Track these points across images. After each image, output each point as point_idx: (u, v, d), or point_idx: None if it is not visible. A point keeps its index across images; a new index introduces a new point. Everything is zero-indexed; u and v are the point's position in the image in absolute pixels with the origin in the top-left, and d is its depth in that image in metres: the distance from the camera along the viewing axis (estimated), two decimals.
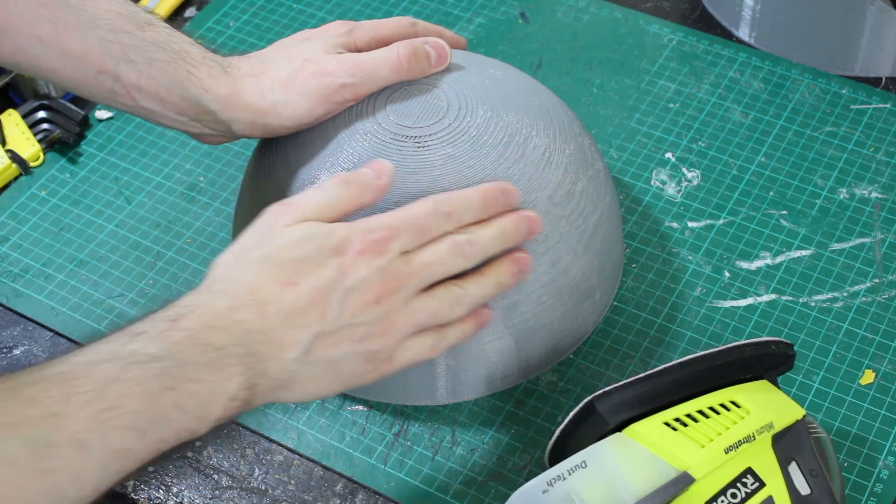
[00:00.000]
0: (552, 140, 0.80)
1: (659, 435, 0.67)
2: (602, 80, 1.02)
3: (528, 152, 0.78)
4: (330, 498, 0.78)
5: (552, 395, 0.82)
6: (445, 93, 0.80)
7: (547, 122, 0.80)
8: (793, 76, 1.01)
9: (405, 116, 0.79)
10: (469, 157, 0.77)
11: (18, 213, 0.95)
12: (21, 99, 1.03)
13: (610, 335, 0.85)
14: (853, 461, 0.77)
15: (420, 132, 0.78)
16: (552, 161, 0.79)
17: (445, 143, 0.77)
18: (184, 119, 0.79)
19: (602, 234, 0.81)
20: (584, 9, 1.08)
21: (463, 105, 0.79)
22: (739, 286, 0.87)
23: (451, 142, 0.77)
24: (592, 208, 0.80)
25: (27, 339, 0.87)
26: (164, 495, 0.78)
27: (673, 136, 0.97)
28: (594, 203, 0.80)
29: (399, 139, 0.77)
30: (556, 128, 0.81)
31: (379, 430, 0.81)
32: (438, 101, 0.80)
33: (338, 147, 0.78)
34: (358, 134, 0.78)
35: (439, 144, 0.77)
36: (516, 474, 0.78)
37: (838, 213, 0.91)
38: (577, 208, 0.79)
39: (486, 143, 0.78)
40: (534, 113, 0.80)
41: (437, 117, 0.79)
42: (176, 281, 0.89)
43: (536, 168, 0.78)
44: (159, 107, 0.78)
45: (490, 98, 0.80)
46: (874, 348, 0.83)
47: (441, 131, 0.78)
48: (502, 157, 0.77)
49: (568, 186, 0.79)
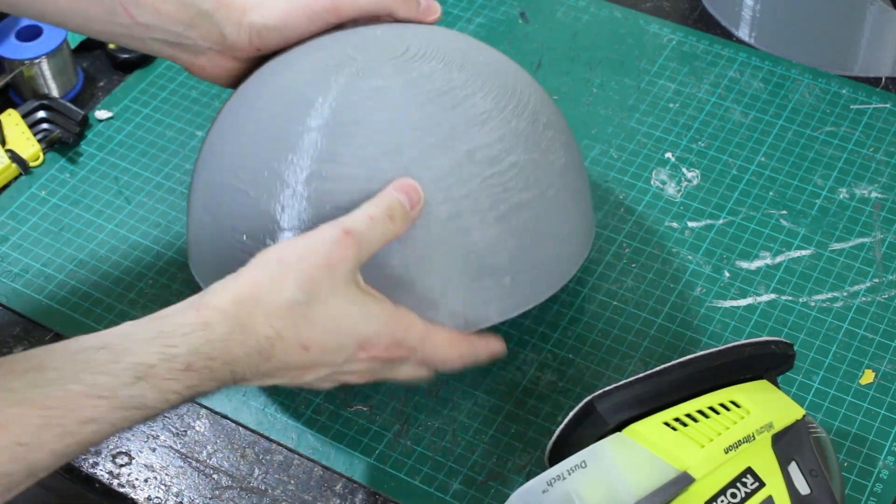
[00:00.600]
0: (499, 109, 0.77)
1: (659, 435, 0.67)
2: (602, 79, 1.02)
3: (462, 107, 0.76)
4: (330, 498, 0.78)
5: (552, 395, 0.82)
6: (412, 41, 0.80)
7: (503, 93, 0.78)
8: (793, 76, 1.01)
9: (359, 50, 0.79)
10: (398, 93, 0.76)
11: (18, 213, 0.95)
12: (21, 99, 1.03)
13: (610, 335, 0.85)
14: (853, 461, 0.77)
15: (364, 64, 0.78)
16: (487, 124, 0.76)
17: (380, 77, 0.77)
18: (180, 29, 0.80)
19: (528, 219, 0.77)
20: (584, 9, 1.08)
21: (420, 53, 0.79)
22: (739, 286, 0.87)
23: (387, 77, 0.77)
24: (522, 187, 0.76)
25: (27, 339, 0.87)
26: (163, 495, 0.78)
27: (673, 135, 0.97)
28: (527, 182, 0.77)
29: (341, 66, 0.78)
30: (513, 102, 0.78)
31: (379, 430, 0.81)
32: (397, 45, 0.79)
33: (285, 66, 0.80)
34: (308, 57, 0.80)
35: (373, 76, 0.77)
36: (516, 474, 0.78)
37: (838, 213, 0.91)
38: (499, 176, 0.76)
39: (422, 86, 0.77)
40: (491, 81, 0.79)
41: (389, 56, 0.78)
42: (175, 281, 0.89)
43: (466, 123, 0.76)
44: (156, 19, 0.80)
45: (450, 56, 0.79)
46: (874, 348, 0.83)
47: (384, 67, 0.77)
48: (432, 102, 0.76)
49: (496, 153, 0.76)
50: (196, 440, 0.81)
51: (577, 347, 0.84)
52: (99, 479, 0.79)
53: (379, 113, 0.75)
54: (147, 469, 0.80)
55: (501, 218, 0.76)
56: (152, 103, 1.02)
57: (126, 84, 1.04)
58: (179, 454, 0.80)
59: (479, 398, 0.82)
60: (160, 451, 0.80)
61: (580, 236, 0.82)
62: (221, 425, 0.82)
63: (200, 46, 0.82)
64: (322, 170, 0.74)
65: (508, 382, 0.83)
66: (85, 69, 1.05)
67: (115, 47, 1.05)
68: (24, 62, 1.00)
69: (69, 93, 1.03)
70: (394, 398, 0.82)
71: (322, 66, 0.78)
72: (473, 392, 0.82)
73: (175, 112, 1.01)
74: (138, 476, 0.79)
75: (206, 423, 0.82)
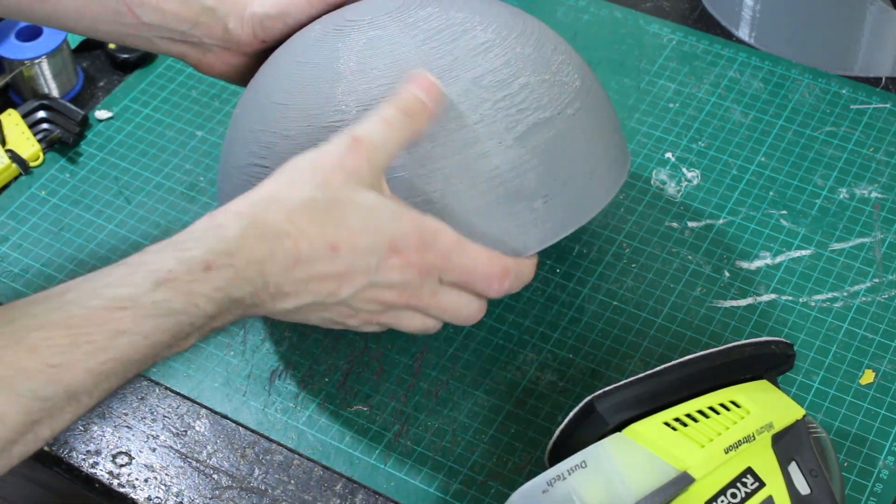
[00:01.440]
0: (501, 38, 0.77)
1: (659, 435, 0.67)
2: (602, 79, 1.02)
3: (462, 39, 0.76)
4: (330, 498, 0.78)
5: (552, 395, 0.82)
6: None
7: (504, 25, 0.78)
8: (793, 76, 1.01)
9: (356, 12, 0.79)
10: (395, 38, 0.76)
11: (18, 213, 0.95)
12: (21, 99, 1.03)
13: (610, 335, 0.85)
14: (853, 461, 0.77)
15: (360, 22, 0.78)
16: (491, 51, 0.76)
17: (377, 27, 0.77)
18: (185, 28, 0.81)
19: (549, 138, 0.75)
20: (584, 9, 1.08)
21: (417, 3, 0.79)
22: (739, 286, 0.87)
23: (383, 26, 0.77)
24: (537, 107, 0.75)
25: None
26: (164, 495, 0.78)
27: (673, 135, 0.97)
28: (541, 103, 0.75)
29: (340, 28, 0.78)
30: (516, 31, 0.78)
31: (379, 430, 0.81)
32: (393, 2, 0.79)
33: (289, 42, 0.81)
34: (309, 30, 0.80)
35: (370, 28, 0.77)
36: (516, 474, 0.78)
37: (838, 213, 0.91)
38: (511, 98, 0.75)
39: (419, 27, 0.76)
40: (491, 16, 0.78)
41: (385, 11, 0.78)
42: None
43: (467, 53, 0.75)
44: (161, 19, 0.80)
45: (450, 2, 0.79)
46: (874, 348, 0.83)
47: (379, 17, 0.78)
48: (430, 38, 0.76)
49: (504, 76, 0.75)
50: (196, 440, 0.81)
51: (577, 347, 0.84)
52: (99, 479, 0.79)
53: (378, 59, 0.75)
54: (147, 469, 0.80)
55: (521, 138, 0.74)
56: (152, 103, 1.02)
57: (126, 84, 1.04)
58: (179, 454, 0.80)
59: (479, 398, 0.82)
60: (160, 451, 0.80)
61: (612, 158, 0.80)
62: (221, 425, 0.82)
63: (206, 43, 0.82)
64: (330, 124, 0.74)
65: (508, 382, 0.83)
66: (85, 69, 1.06)
67: (115, 47, 1.05)
68: (24, 62, 1.00)
69: (69, 93, 1.03)
70: (394, 398, 0.82)
71: (321, 32, 0.79)
72: (473, 392, 0.82)
73: (175, 112, 1.02)
74: (138, 476, 0.79)
75: (206, 423, 0.82)
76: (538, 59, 0.77)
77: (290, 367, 0.84)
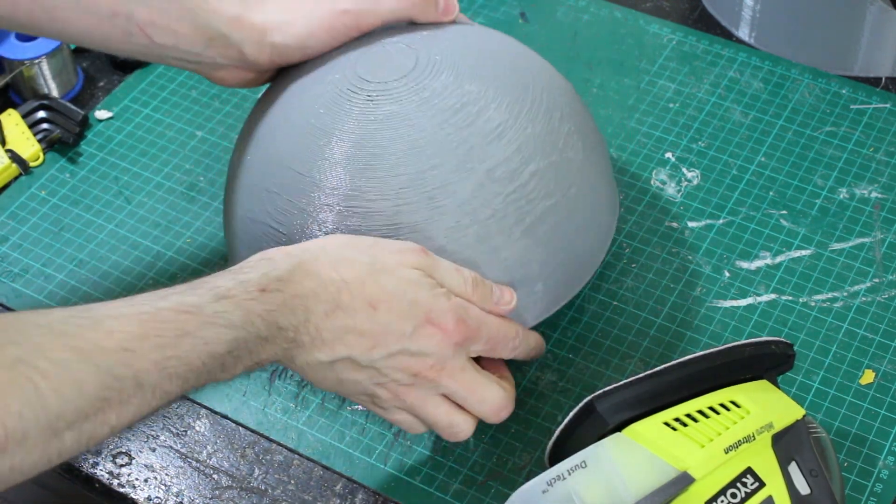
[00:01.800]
0: (513, 117, 0.78)
1: (659, 435, 0.67)
2: (602, 79, 1.02)
3: (477, 123, 0.77)
4: (330, 498, 0.78)
5: (552, 395, 0.82)
6: (418, 53, 0.80)
7: (516, 99, 0.79)
8: (793, 76, 1.01)
9: (369, 71, 0.80)
10: (413, 116, 0.77)
11: (18, 213, 0.95)
12: (21, 99, 1.03)
13: (610, 335, 0.85)
14: (853, 461, 0.77)
15: (375, 87, 0.79)
16: (504, 137, 0.77)
17: (394, 101, 0.78)
18: (198, 49, 0.81)
19: (553, 224, 0.78)
20: (584, 9, 1.08)
21: (430, 66, 0.79)
22: (739, 286, 0.87)
23: (400, 100, 0.78)
24: (544, 194, 0.77)
25: None
26: (164, 495, 0.78)
27: (673, 135, 0.97)
28: (549, 189, 0.78)
29: (355, 91, 0.79)
30: (527, 106, 0.79)
31: (379, 430, 0.81)
32: (406, 60, 0.80)
33: (301, 91, 0.81)
34: (322, 82, 0.80)
35: (387, 100, 0.78)
36: (516, 474, 0.78)
37: (838, 213, 0.91)
38: (521, 189, 0.77)
39: (436, 105, 0.77)
40: (504, 88, 0.79)
41: (399, 75, 0.79)
42: (176, 281, 0.89)
43: (482, 140, 0.77)
44: (173, 40, 0.80)
45: (460, 65, 0.80)
46: (874, 348, 0.83)
47: (396, 88, 0.78)
48: (447, 122, 0.77)
49: (515, 165, 0.77)
50: (196, 440, 0.81)
51: (577, 347, 0.84)
52: (99, 479, 0.79)
53: (397, 143, 0.76)
54: (147, 469, 0.80)
55: (528, 231, 0.77)
56: (152, 103, 1.02)
57: (126, 84, 1.04)
58: (179, 454, 0.80)
59: None
60: (160, 451, 0.80)
61: (605, 218, 0.83)
62: (221, 425, 0.82)
63: (220, 62, 0.82)
64: (349, 207, 0.76)
65: None
66: (85, 69, 1.05)
67: None
68: (24, 62, 1.00)
69: (69, 93, 1.03)
70: None
71: (335, 91, 0.79)
72: None
73: (175, 112, 1.02)
74: (138, 476, 0.79)
75: (206, 423, 0.82)
76: (547, 140, 0.79)
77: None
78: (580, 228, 0.80)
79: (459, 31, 0.84)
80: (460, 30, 0.84)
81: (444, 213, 0.75)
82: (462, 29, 0.84)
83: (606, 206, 0.83)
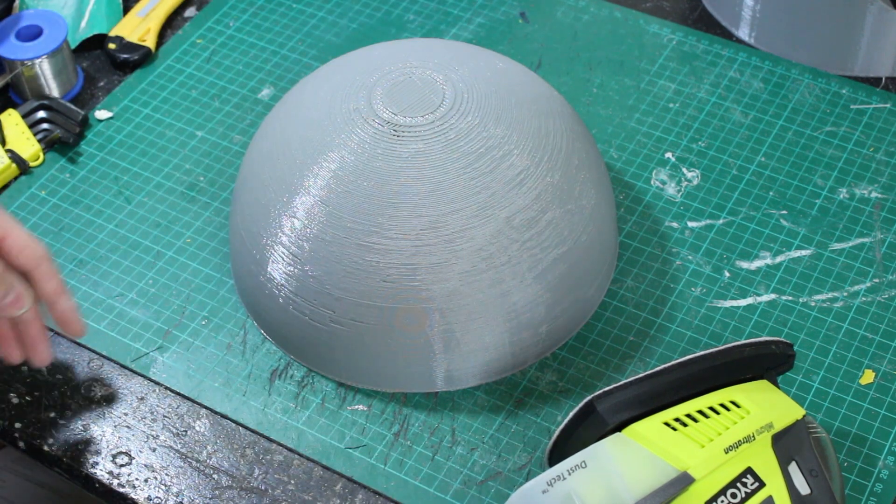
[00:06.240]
0: (535, 164, 0.79)
1: (659, 435, 0.67)
2: (602, 80, 1.02)
3: (500, 169, 0.78)
4: (330, 498, 0.78)
5: (552, 395, 0.82)
6: (447, 89, 0.81)
7: (538, 145, 0.80)
8: (793, 76, 1.01)
9: (397, 103, 0.80)
10: (438, 158, 0.78)
11: (18, 213, 0.95)
12: (21, 99, 1.03)
13: (610, 335, 0.85)
14: (853, 461, 0.77)
15: (403, 121, 0.79)
16: (525, 184, 0.79)
17: (420, 139, 0.78)
18: None
19: (562, 271, 0.80)
20: (584, 9, 1.08)
21: (457, 105, 0.80)
22: (739, 286, 0.87)
23: (426, 139, 0.78)
24: (558, 242, 0.79)
25: None
26: (164, 495, 0.78)
27: (673, 135, 0.97)
28: (562, 237, 0.80)
29: (381, 123, 0.79)
30: (547, 153, 0.80)
31: (379, 430, 0.81)
32: (435, 96, 0.80)
33: (328, 122, 0.81)
34: (348, 114, 0.80)
35: (414, 139, 0.78)
36: (516, 474, 0.78)
37: (838, 213, 0.91)
38: (537, 237, 0.79)
39: (461, 148, 0.78)
40: (528, 133, 0.80)
41: (427, 111, 0.80)
42: (176, 281, 0.89)
43: (504, 186, 0.78)
44: None
45: (487, 105, 0.81)
46: (874, 348, 0.83)
47: (422, 126, 0.79)
48: (471, 166, 0.78)
49: (534, 214, 0.79)
50: (196, 440, 0.81)
51: (577, 347, 0.84)
52: (99, 479, 0.79)
53: (420, 183, 0.77)
54: (147, 469, 0.80)
55: (539, 277, 0.79)
56: (152, 103, 1.02)
57: (126, 84, 1.04)
58: (179, 454, 0.80)
59: (479, 398, 0.82)
60: (160, 451, 0.80)
61: (608, 261, 0.86)
62: (221, 425, 0.82)
63: None
64: (370, 243, 0.77)
65: (508, 382, 0.83)
66: (85, 69, 1.05)
67: (115, 47, 1.05)
68: (24, 62, 1.00)
69: (69, 93, 1.03)
70: (394, 398, 0.82)
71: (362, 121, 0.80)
72: (473, 392, 0.82)
73: (175, 112, 1.02)
74: (138, 476, 0.79)
75: (206, 423, 0.82)
76: (564, 189, 0.80)
77: (290, 367, 0.84)
78: (587, 273, 0.82)
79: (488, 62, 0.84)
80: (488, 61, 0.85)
81: (461, 257, 0.77)
82: (490, 60, 0.85)
83: (610, 249, 0.86)
